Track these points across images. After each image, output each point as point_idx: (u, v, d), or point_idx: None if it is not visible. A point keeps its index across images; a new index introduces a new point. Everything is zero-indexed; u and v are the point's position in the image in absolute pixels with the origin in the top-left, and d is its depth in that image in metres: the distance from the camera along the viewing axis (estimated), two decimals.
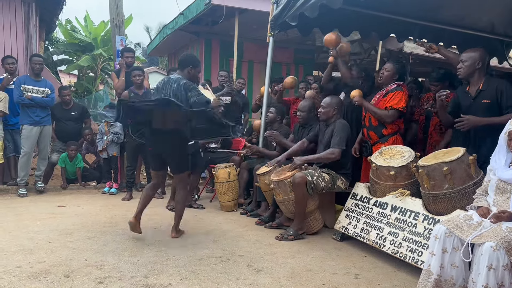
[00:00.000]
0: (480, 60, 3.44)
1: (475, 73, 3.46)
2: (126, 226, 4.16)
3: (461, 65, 3.51)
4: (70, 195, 5.77)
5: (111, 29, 7.62)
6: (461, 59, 3.53)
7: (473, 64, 3.44)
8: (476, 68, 3.45)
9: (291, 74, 10.40)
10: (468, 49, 3.60)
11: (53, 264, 3.11)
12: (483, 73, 3.50)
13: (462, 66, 3.49)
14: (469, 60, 3.46)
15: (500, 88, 3.35)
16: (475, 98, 3.47)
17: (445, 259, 2.49)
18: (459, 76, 3.58)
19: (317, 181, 3.95)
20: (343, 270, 3.23)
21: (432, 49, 4.10)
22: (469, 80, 3.55)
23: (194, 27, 8.91)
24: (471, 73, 3.48)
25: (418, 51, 8.59)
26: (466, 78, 3.55)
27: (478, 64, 3.44)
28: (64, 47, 18.05)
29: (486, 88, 3.42)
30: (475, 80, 3.49)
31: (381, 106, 4.07)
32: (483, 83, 3.44)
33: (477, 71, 3.46)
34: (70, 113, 6.21)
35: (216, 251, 3.53)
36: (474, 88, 3.50)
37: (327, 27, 5.39)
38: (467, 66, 3.46)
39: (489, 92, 3.39)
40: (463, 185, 3.09)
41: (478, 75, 3.47)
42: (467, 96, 3.56)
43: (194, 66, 3.88)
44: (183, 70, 3.87)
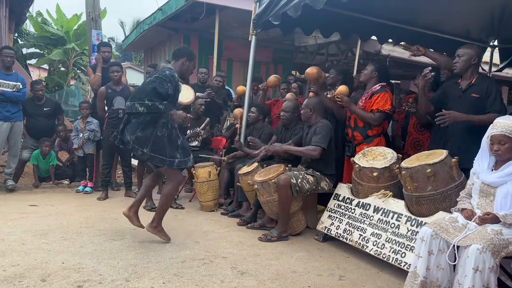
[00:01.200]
0: (476, 56, 3.55)
1: (469, 68, 3.55)
2: (103, 227, 4.05)
3: (457, 59, 3.58)
4: (42, 194, 5.55)
5: (87, 23, 7.36)
6: (457, 54, 3.60)
7: (470, 60, 3.53)
8: (472, 64, 3.54)
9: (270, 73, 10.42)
10: (464, 45, 3.70)
11: (28, 267, 2.96)
12: (476, 70, 3.61)
13: (459, 60, 3.56)
14: (466, 56, 3.54)
15: (491, 86, 3.45)
16: (465, 90, 3.55)
17: (431, 261, 2.52)
18: (454, 71, 3.64)
19: (301, 183, 3.93)
20: (327, 272, 3.23)
21: (420, 51, 4.14)
22: (462, 75, 3.62)
23: (173, 23, 8.78)
24: (466, 68, 3.56)
25: (395, 53, 8.74)
26: (461, 73, 3.62)
27: (474, 60, 3.54)
28: (35, 40, 17.47)
29: (478, 83, 3.51)
30: (468, 75, 3.58)
31: (367, 109, 4.09)
32: (476, 79, 3.53)
33: (472, 66, 3.55)
34: (42, 109, 5.97)
35: (199, 253, 3.46)
36: (465, 82, 3.58)
37: (308, 27, 5.40)
38: (464, 61, 3.54)
39: (480, 87, 3.47)
40: (446, 187, 3.14)
41: (472, 71, 3.56)
42: (457, 88, 3.62)
43: (189, 58, 3.77)
44: (177, 61, 3.74)
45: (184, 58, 3.75)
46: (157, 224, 3.66)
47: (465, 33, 5.83)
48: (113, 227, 4.07)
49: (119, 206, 5.01)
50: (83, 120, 5.79)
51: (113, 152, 5.56)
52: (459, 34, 5.81)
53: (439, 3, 4.86)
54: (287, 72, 10.42)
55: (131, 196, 5.51)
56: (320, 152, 4.01)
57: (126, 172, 5.63)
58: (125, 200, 5.38)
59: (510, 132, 2.56)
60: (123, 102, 5.32)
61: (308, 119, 4.23)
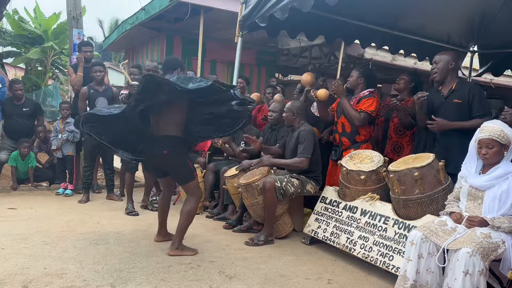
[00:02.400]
0: (453, 60, 3.58)
1: (448, 73, 3.59)
2: (86, 231, 3.96)
3: (434, 66, 3.63)
4: (21, 197, 5.38)
5: (68, 22, 7.18)
6: (434, 61, 3.65)
7: (447, 65, 3.56)
8: (449, 69, 3.57)
9: (254, 75, 10.42)
10: (440, 52, 3.74)
11: (8, 273, 2.85)
12: (456, 74, 3.65)
13: (436, 67, 3.60)
14: (442, 61, 3.58)
15: (473, 91, 3.48)
16: (447, 97, 3.58)
17: (421, 265, 2.53)
18: (435, 79, 3.66)
19: (286, 186, 3.92)
20: (315, 275, 3.21)
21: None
22: (442, 81, 3.66)
23: (156, 23, 8.66)
24: (445, 74, 3.59)
25: (377, 57, 8.86)
26: (441, 80, 3.64)
27: (451, 65, 3.57)
28: (12, 39, 16.98)
29: (459, 88, 3.55)
30: (448, 80, 3.61)
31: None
32: (456, 84, 3.57)
33: (450, 71, 3.58)
34: (21, 109, 5.79)
35: (185, 257, 3.39)
36: (446, 88, 3.62)
37: (294, 30, 5.41)
38: (441, 67, 3.58)
39: (461, 93, 3.51)
40: (433, 190, 3.17)
41: (451, 76, 3.60)
42: (439, 95, 3.66)
43: (182, 68, 3.71)
44: (172, 73, 3.57)
45: (178, 69, 3.66)
46: (178, 245, 3.47)
47: (446, 38, 5.95)
48: (96, 231, 3.97)
49: (102, 209, 4.92)
50: (62, 120, 5.65)
51: (95, 154, 5.44)
52: (441, 39, 5.92)
53: (421, 8, 4.95)
54: (270, 75, 10.43)
55: (113, 199, 5.40)
56: (308, 163, 4.00)
57: (108, 175, 5.51)
58: (107, 203, 5.26)
59: (498, 136, 2.60)
60: (106, 102, 5.21)
61: (291, 122, 4.22)
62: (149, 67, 4.83)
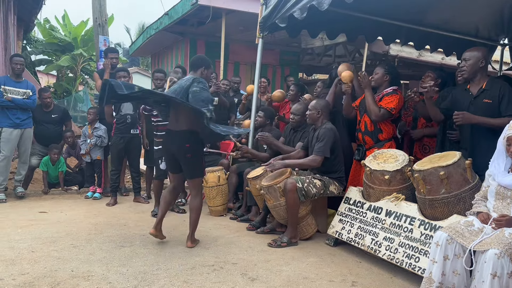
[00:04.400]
0: (484, 58, 3.39)
1: (478, 72, 3.40)
2: (113, 233, 4.04)
3: (464, 63, 3.44)
4: (51, 200, 5.56)
5: (94, 29, 7.40)
6: (463, 58, 3.46)
7: (477, 63, 3.38)
8: (479, 67, 3.39)
9: (278, 75, 10.41)
10: (470, 48, 3.55)
11: (37, 275, 2.95)
12: (485, 72, 3.46)
13: (466, 65, 3.42)
14: (473, 59, 3.39)
15: (503, 90, 3.29)
16: (476, 97, 3.40)
17: (447, 267, 2.45)
18: (463, 76, 3.47)
19: (307, 187, 3.88)
20: (339, 277, 3.17)
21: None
22: (471, 80, 3.48)
23: (179, 27, 8.78)
24: (474, 72, 3.41)
25: (403, 53, 8.67)
26: (470, 78, 3.46)
27: (481, 63, 3.38)
28: (43, 47, 17.62)
29: (489, 88, 3.36)
30: (477, 79, 3.42)
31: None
32: (486, 83, 3.39)
33: (480, 70, 3.40)
34: (50, 116, 5.99)
35: (208, 259, 3.42)
36: (476, 87, 3.43)
37: (315, 29, 5.38)
38: (471, 65, 3.39)
39: (492, 92, 3.33)
40: (460, 190, 3.07)
41: (481, 74, 3.41)
42: (467, 95, 3.48)
43: (206, 67, 3.82)
44: (196, 71, 3.78)
45: (202, 67, 3.79)
46: (193, 238, 3.79)
47: (474, 32, 5.76)
48: (122, 233, 4.05)
49: (128, 211, 5.02)
50: (90, 126, 5.79)
51: (122, 158, 5.56)
52: (468, 33, 5.74)
53: (446, 1, 4.79)
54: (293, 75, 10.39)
55: (140, 201, 5.50)
56: (321, 161, 3.96)
57: (134, 178, 5.62)
58: (134, 205, 5.37)
59: None
60: (131, 107, 5.32)
61: (315, 121, 4.17)
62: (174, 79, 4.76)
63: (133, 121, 5.34)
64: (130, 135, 5.36)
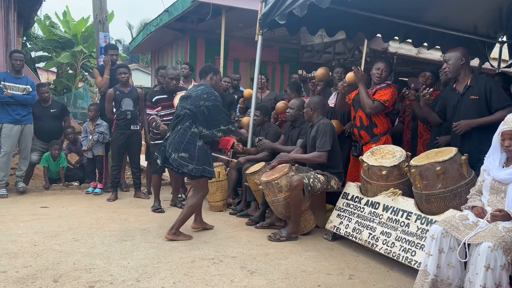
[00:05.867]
0: (463, 56, 3.53)
1: (461, 70, 3.54)
2: (113, 228, 4.09)
3: (445, 65, 3.60)
4: (52, 196, 5.61)
5: (94, 26, 7.43)
6: (444, 59, 3.63)
7: (457, 62, 3.52)
8: (460, 65, 3.52)
9: (277, 72, 10.43)
10: (449, 49, 3.71)
11: (40, 268, 3.00)
12: (468, 69, 3.59)
13: (447, 65, 3.58)
14: (452, 59, 3.55)
15: (489, 85, 3.42)
16: (463, 94, 3.53)
17: (442, 259, 2.50)
18: (447, 75, 3.64)
19: (313, 183, 3.92)
20: (337, 271, 3.22)
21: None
22: (456, 79, 3.61)
23: (179, 24, 8.81)
24: (457, 71, 3.55)
25: (402, 51, 8.70)
26: (454, 77, 3.61)
27: (461, 60, 3.52)
28: (43, 44, 17.63)
29: (474, 84, 3.49)
30: (462, 77, 3.56)
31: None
32: (471, 80, 3.52)
33: (462, 68, 3.53)
34: (49, 111, 6.01)
35: (208, 253, 3.47)
36: (461, 85, 3.57)
37: (314, 27, 5.40)
38: (452, 64, 3.55)
39: (477, 88, 3.45)
40: (456, 185, 3.12)
41: (464, 72, 3.55)
42: (454, 93, 3.62)
43: (215, 73, 3.95)
44: (205, 78, 3.94)
45: (211, 73, 3.94)
46: (176, 230, 3.81)
47: (472, 29, 5.79)
48: (123, 228, 4.09)
49: (129, 206, 5.07)
50: (92, 122, 5.83)
51: (122, 154, 5.60)
52: (467, 30, 5.77)
53: None
54: (293, 72, 10.42)
55: (140, 196, 5.55)
56: (326, 156, 4.01)
57: (135, 173, 5.66)
58: (135, 200, 5.42)
59: None
60: (131, 103, 5.36)
61: (310, 118, 4.23)
62: (172, 75, 4.84)
63: (133, 117, 5.38)
64: (130, 131, 5.40)
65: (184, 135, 3.70)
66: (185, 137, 3.69)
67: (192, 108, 3.71)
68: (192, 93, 3.82)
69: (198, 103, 3.71)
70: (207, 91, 3.78)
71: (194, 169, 3.67)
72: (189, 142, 3.68)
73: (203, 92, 3.77)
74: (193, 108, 3.71)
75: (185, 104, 3.79)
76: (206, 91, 3.78)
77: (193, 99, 3.76)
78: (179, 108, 3.88)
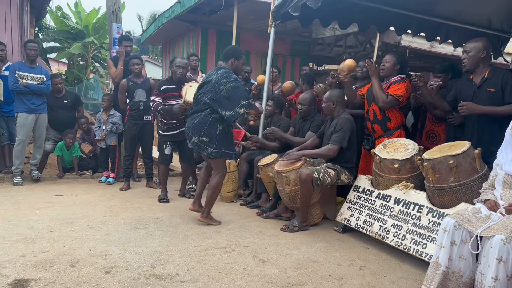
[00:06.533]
0: (484, 49, 3.49)
1: (480, 62, 3.51)
2: (127, 216, 4.16)
3: (465, 55, 3.55)
4: (66, 184, 5.70)
5: (107, 17, 7.46)
6: (465, 50, 3.58)
7: (478, 54, 3.49)
8: (480, 57, 3.49)
9: (288, 65, 10.42)
10: (471, 40, 3.64)
11: (57, 253, 3.07)
12: (487, 62, 3.55)
13: (467, 56, 3.54)
14: (473, 50, 3.50)
15: (506, 78, 3.39)
16: (480, 86, 3.51)
17: (454, 252, 2.52)
18: (465, 67, 3.60)
19: (323, 177, 3.94)
20: (347, 262, 3.26)
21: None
22: (473, 70, 3.58)
23: (191, 16, 8.82)
24: (476, 63, 3.52)
25: (415, 45, 8.65)
26: (473, 69, 3.57)
27: (482, 53, 3.49)
28: (55, 34, 17.76)
29: (491, 77, 3.46)
30: (480, 69, 3.53)
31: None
32: (488, 72, 3.49)
33: (481, 60, 3.50)
34: (62, 101, 6.09)
35: (220, 242, 3.53)
36: (478, 77, 3.54)
37: (327, 19, 5.39)
38: (472, 56, 3.51)
39: (494, 81, 3.43)
40: (468, 179, 3.13)
41: (483, 64, 3.52)
42: (470, 85, 3.59)
43: (237, 57, 3.99)
44: (227, 62, 4.00)
45: (233, 58, 3.98)
46: (207, 214, 4.04)
47: (486, 23, 5.74)
48: (136, 216, 4.16)
49: (141, 196, 5.14)
50: (106, 112, 5.90)
51: (135, 144, 5.66)
52: (481, 24, 5.73)
53: None
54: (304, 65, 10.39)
55: (152, 186, 5.62)
56: (337, 150, 4.02)
57: (147, 163, 5.73)
58: (147, 190, 5.49)
59: None
60: (144, 94, 5.41)
61: (332, 112, 4.20)
62: (180, 64, 4.87)
63: (146, 108, 5.43)
64: (143, 121, 5.46)
65: (205, 119, 3.83)
66: (206, 122, 3.83)
67: (213, 96, 3.80)
68: (212, 78, 3.88)
69: (218, 88, 3.80)
70: (226, 75, 3.83)
71: (213, 152, 3.83)
72: (210, 126, 3.83)
73: (222, 76, 3.83)
74: (213, 96, 3.80)
75: (205, 90, 3.87)
76: (225, 75, 3.84)
77: (213, 85, 3.82)
78: (200, 94, 3.95)
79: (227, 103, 3.77)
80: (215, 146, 3.82)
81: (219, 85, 3.79)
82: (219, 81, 3.80)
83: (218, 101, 3.78)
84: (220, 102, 3.78)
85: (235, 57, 3.97)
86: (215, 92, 3.79)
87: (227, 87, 3.76)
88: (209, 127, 3.82)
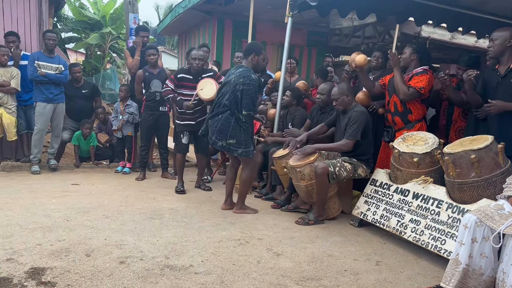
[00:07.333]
0: (511, 38, 3.37)
1: (505, 51, 3.40)
2: (142, 206, 4.17)
3: (491, 44, 3.46)
4: (83, 174, 5.76)
5: (124, 7, 7.48)
6: (491, 38, 3.48)
7: (504, 43, 3.39)
8: (507, 46, 3.38)
9: (304, 56, 10.29)
10: (498, 28, 3.54)
11: (73, 242, 3.09)
12: None
13: (493, 44, 3.44)
14: (500, 39, 3.40)
15: None
16: (504, 76, 3.40)
17: (474, 249, 2.45)
18: (489, 55, 3.51)
19: (339, 171, 3.86)
20: (363, 257, 3.20)
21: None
22: (499, 60, 3.48)
23: (207, 6, 8.75)
24: (502, 52, 3.42)
25: (435, 36, 8.43)
26: (496, 57, 3.48)
27: (509, 42, 3.38)
28: (73, 25, 17.92)
29: None
30: (505, 58, 3.43)
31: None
32: None
33: (507, 49, 3.39)
34: (81, 91, 6.13)
35: (235, 234, 3.51)
36: (504, 67, 3.44)
37: (345, 8, 5.27)
38: (498, 45, 3.41)
39: None
40: (490, 174, 3.03)
41: (509, 54, 3.41)
42: (495, 75, 3.48)
43: (257, 53, 4.02)
44: (247, 58, 4.04)
45: (252, 54, 4.02)
46: (241, 205, 4.16)
47: (510, 13, 5.55)
48: (151, 207, 4.17)
49: (157, 186, 5.16)
50: (123, 102, 5.92)
51: (151, 134, 5.67)
52: (505, 15, 5.53)
53: None
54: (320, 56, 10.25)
55: (168, 177, 5.63)
56: (352, 145, 3.94)
57: (162, 154, 5.75)
58: (162, 180, 5.51)
59: None
60: (160, 85, 5.39)
61: (347, 105, 4.08)
62: (195, 55, 4.79)
63: (162, 98, 5.42)
64: (159, 112, 5.46)
65: (228, 122, 3.90)
66: (230, 124, 3.90)
67: (231, 98, 3.88)
68: (231, 78, 3.95)
69: (235, 88, 3.88)
70: (244, 75, 3.87)
71: (243, 152, 3.95)
72: (234, 128, 3.90)
73: (240, 75, 3.88)
74: (231, 97, 3.88)
75: (225, 91, 3.95)
76: (243, 74, 3.88)
77: (232, 85, 3.90)
78: (220, 94, 4.02)
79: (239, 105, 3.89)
80: (244, 146, 3.93)
81: (236, 85, 3.87)
82: (237, 81, 3.88)
83: (235, 102, 3.88)
84: (237, 101, 3.87)
85: (255, 53, 3.99)
86: (232, 92, 3.88)
87: (243, 88, 3.85)
88: (234, 128, 3.90)
